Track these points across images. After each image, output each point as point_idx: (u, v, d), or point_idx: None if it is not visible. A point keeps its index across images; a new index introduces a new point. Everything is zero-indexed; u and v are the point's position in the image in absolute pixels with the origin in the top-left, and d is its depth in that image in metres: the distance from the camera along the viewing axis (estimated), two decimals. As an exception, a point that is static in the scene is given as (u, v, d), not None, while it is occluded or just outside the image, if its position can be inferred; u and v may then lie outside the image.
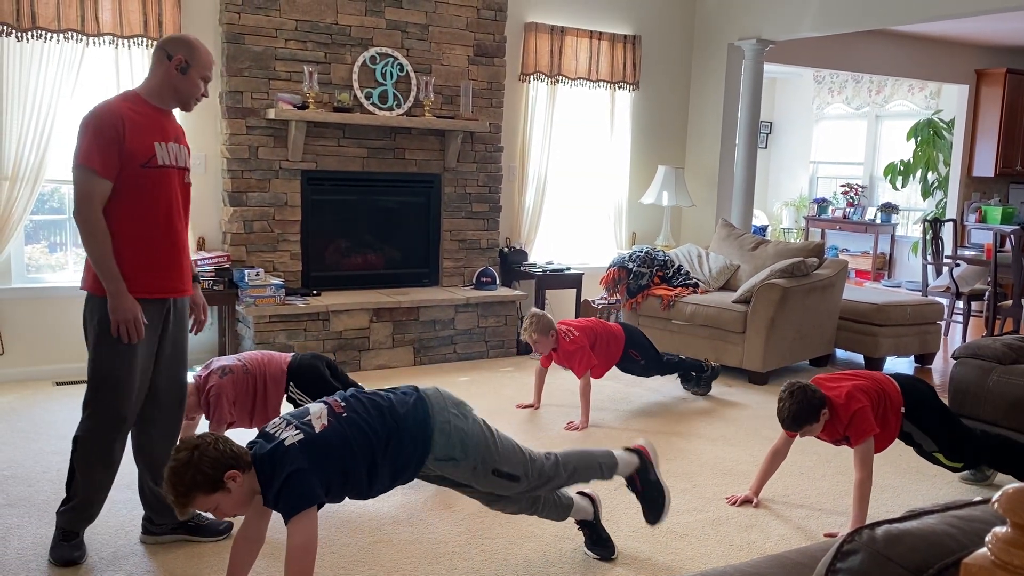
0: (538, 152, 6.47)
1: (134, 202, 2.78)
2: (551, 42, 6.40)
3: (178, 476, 2.23)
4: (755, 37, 6.68)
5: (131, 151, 2.74)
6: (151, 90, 2.87)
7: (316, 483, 2.31)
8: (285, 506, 2.29)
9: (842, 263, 5.95)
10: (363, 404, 2.49)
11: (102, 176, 2.71)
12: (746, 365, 5.47)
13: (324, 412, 2.43)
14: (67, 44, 4.80)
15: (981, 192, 9.36)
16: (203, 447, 2.26)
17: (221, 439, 2.33)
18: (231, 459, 2.27)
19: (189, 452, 2.26)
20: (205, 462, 2.23)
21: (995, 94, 8.97)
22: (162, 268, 2.87)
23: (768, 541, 3.18)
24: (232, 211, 5.31)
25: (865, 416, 3.22)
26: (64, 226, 5.28)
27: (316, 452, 2.32)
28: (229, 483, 2.26)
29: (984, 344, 4.29)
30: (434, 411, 2.52)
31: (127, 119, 2.74)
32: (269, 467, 2.30)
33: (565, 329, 4.60)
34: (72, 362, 5.12)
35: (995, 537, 0.73)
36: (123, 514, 3.22)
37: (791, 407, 3.19)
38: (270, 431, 2.41)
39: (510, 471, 2.62)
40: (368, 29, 5.59)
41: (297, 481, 2.28)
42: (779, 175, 11.42)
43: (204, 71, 2.90)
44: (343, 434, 2.39)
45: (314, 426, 2.37)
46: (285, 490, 2.28)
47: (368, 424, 2.43)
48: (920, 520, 1.07)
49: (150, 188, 2.80)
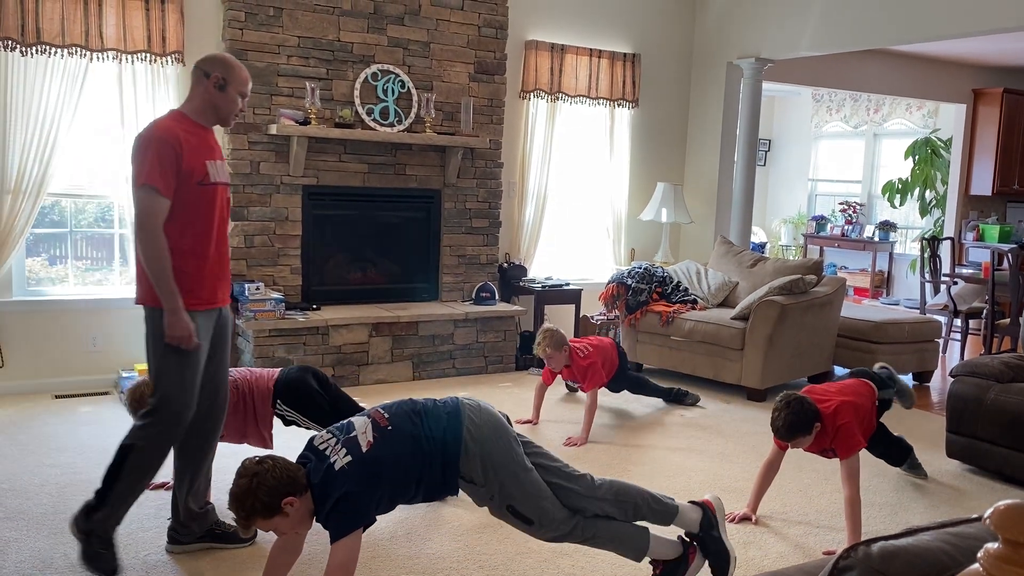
0: (538, 168, 6.50)
1: (191, 219, 2.89)
2: (551, 60, 6.45)
3: (239, 502, 2.33)
4: (754, 56, 6.73)
5: (188, 170, 2.85)
6: (194, 109, 2.97)
7: (366, 504, 2.37)
8: (334, 527, 2.36)
9: (840, 280, 5.97)
10: (406, 414, 2.53)
11: (163, 195, 2.80)
12: (744, 382, 5.48)
13: (369, 427, 2.47)
14: (71, 59, 4.84)
15: (979, 211, 9.40)
16: (262, 474, 2.32)
17: (280, 463, 2.37)
18: (288, 485, 2.34)
19: (249, 479, 2.33)
20: (263, 490, 2.31)
21: (992, 113, 9.02)
22: (215, 279, 3.00)
23: (767, 558, 3.18)
24: (233, 225, 5.33)
25: (850, 432, 3.27)
26: (65, 239, 5.29)
27: (366, 473, 2.38)
28: (287, 508, 2.33)
29: (982, 362, 4.30)
30: (465, 427, 2.50)
31: (183, 139, 2.85)
32: (321, 490, 2.37)
33: (581, 346, 4.69)
34: (72, 375, 5.13)
35: (987, 553, 0.75)
36: (121, 527, 3.21)
37: (787, 417, 3.23)
38: (320, 447, 2.45)
39: (526, 512, 2.55)
40: (370, 46, 5.63)
41: (347, 505, 2.34)
42: (778, 192, 11.46)
43: (241, 87, 3.00)
44: (391, 450, 2.43)
45: (360, 444, 2.41)
46: (334, 513, 2.35)
47: (413, 443, 2.46)
48: (915, 537, 1.08)
49: (204, 205, 2.92)
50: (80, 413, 4.69)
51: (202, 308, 2.95)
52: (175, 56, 5.07)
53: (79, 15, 4.80)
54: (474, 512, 3.50)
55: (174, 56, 5.07)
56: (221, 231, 3.00)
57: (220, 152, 3.05)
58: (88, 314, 5.18)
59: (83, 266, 5.42)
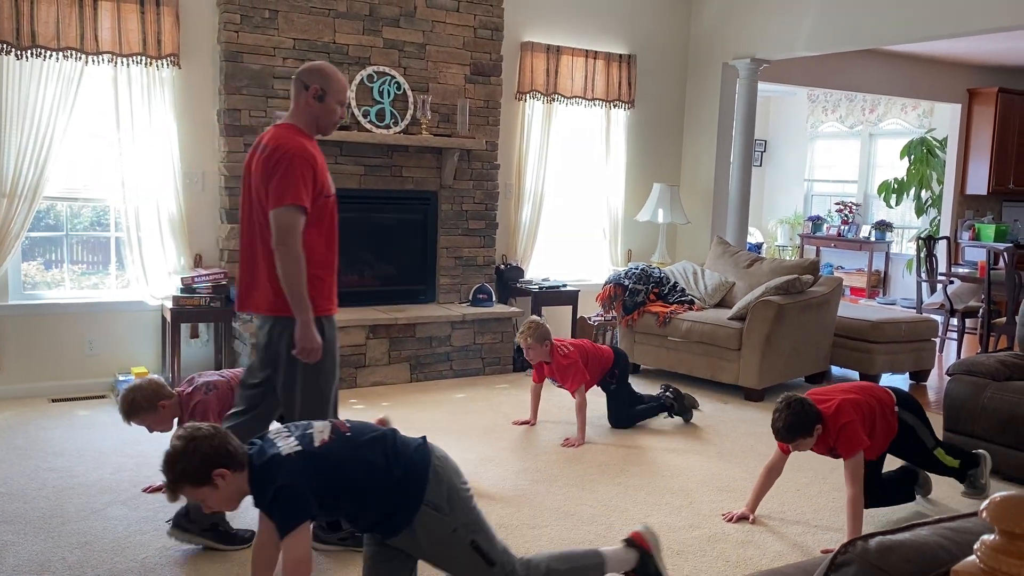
0: (534, 170, 6.50)
1: (324, 230, 3.03)
2: (547, 61, 6.45)
3: (170, 464, 2.28)
4: (749, 56, 6.74)
5: (321, 185, 2.98)
6: (303, 122, 3.07)
7: (307, 498, 2.29)
8: (280, 520, 2.29)
9: (837, 280, 5.98)
10: (370, 428, 2.46)
11: (303, 211, 2.92)
12: (742, 382, 5.48)
13: (328, 429, 2.41)
14: (66, 62, 4.83)
15: (974, 210, 9.42)
16: (200, 440, 2.27)
17: (221, 434, 2.32)
18: (224, 457, 2.27)
19: (185, 443, 2.27)
20: (197, 456, 2.26)
21: (987, 113, 9.04)
22: (335, 286, 3.14)
23: (764, 558, 3.18)
24: (229, 228, 5.32)
25: (853, 430, 3.23)
26: (61, 243, 5.29)
27: (311, 467, 2.31)
28: (217, 480, 2.27)
29: (978, 361, 4.31)
30: (435, 458, 2.41)
31: (316, 155, 2.98)
32: (261, 473, 2.30)
33: (562, 345, 4.62)
34: (68, 379, 5.12)
35: (983, 544, 0.75)
36: (118, 530, 3.22)
37: (787, 418, 3.21)
38: (271, 436, 2.41)
39: (489, 551, 2.40)
40: (366, 48, 5.63)
41: (289, 495, 2.27)
42: (774, 193, 11.48)
43: (339, 96, 3.07)
44: (341, 455, 2.35)
45: (314, 440, 2.35)
46: (276, 504, 2.28)
47: (369, 451, 2.37)
48: (913, 532, 1.08)
49: (330, 216, 3.07)
50: (77, 417, 4.68)
51: (334, 313, 3.12)
52: (171, 59, 5.07)
53: (74, 18, 4.79)
54: (472, 513, 3.50)
55: (170, 59, 5.06)
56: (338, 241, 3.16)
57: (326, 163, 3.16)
58: (84, 318, 5.17)
59: (79, 270, 5.41)
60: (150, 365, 5.26)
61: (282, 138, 2.97)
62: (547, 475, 3.97)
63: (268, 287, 3.00)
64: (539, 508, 3.57)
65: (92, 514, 3.37)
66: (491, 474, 3.97)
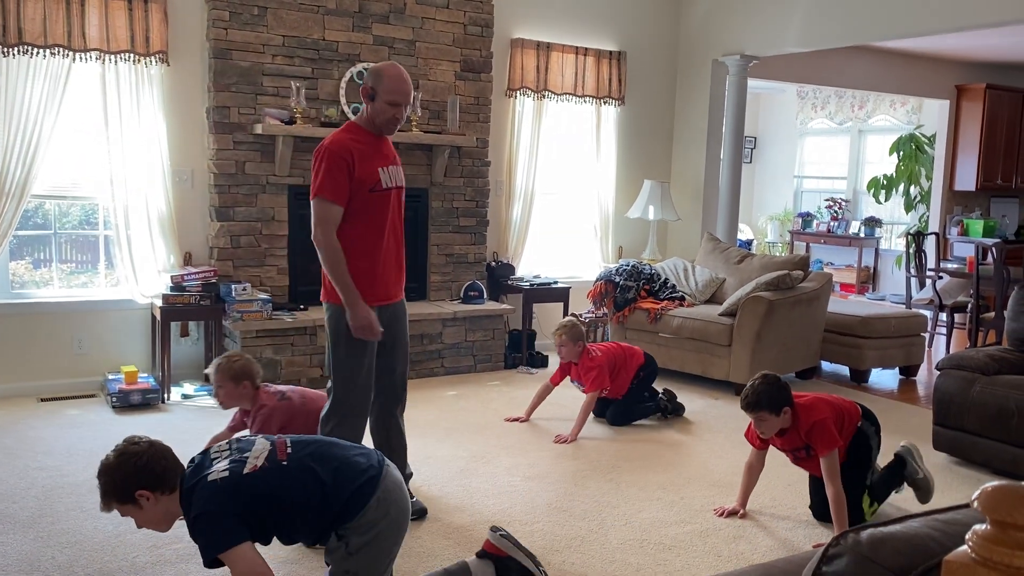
0: (524, 167, 6.50)
1: (365, 223, 3.15)
2: (537, 58, 6.45)
3: (99, 476, 2.25)
4: (739, 53, 6.75)
5: (360, 178, 3.10)
6: (362, 119, 3.24)
7: (229, 525, 2.18)
8: (201, 547, 2.21)
9: (827, 276, 6.00)
10: (313, 457, 2.34)
11: (335, 203, 3.08)
12: (732, 378, 5.49)
13: (264, 453, 2.31)
14: (54, 59, 4.80)
15: (963, 206, 9.46)
16: (128, 456, 2.21)
17: (157, 452, 2.24)
18: (148, 478, 2.20)
19: (116, 457, 2.22)
20: (120, 473, 2.20)
21: (975, 109, 9.09)
22: (388, 277, 3.26)
23: (756, 552, 3.20)
24: (219, 226, 5.30)
25: (826, 428, 3.26)
26: (49, 241, 5.25)
27: (232, 495, 2.21)
28: (141, 500, 2.21)
29: (967, 355, 4.34)
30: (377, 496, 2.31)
31: (353, 150, 3.10)
32: (187, 497, 2.23)
33: (595, 349, 4.77)
34: (57, 378, 5.09)
35: (975, 534, 0.75)
36: (108, 530, 3.20)
37: (759, 387, 3.23)
38: (211, 454, 2.34)
39: None
40: (355, 45, 5.62)
41: (206, 524, 2.19)
42: (764, 189, 11.51)
43: (389, 96, 3.13)
44: (274, 484, 2.26)
45: (246, 465, 2.26)
46: (196, 531, 2.21)
47: (303, 481, 2.28)
48: (903, 524, 1.09)
49: (377, 210, 3.17)
50: (66, 416, 4.66)
51: (374, 304, 3.19)
52: (159, 56, 5.04)
53: (61, 15, 4.76)
54: (465, 510, 3.50)
55: (158, 56, 5.04)
56: (395, 233, 3.27)
57: (394, 158, 3.28)
58: (73, 317, 5.14)
59: (68, 269, 5.38)
60: (140, 364, 5.24)
61: (331, 135, 3.18)
62: (539, 471, 3.98)
63: (324, 276, 3.21)
64: (531, 504, 3.58)
65: (82, 513, 3.35)
66: (483, 471, 3.97)
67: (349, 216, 3.12)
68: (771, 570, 1.87)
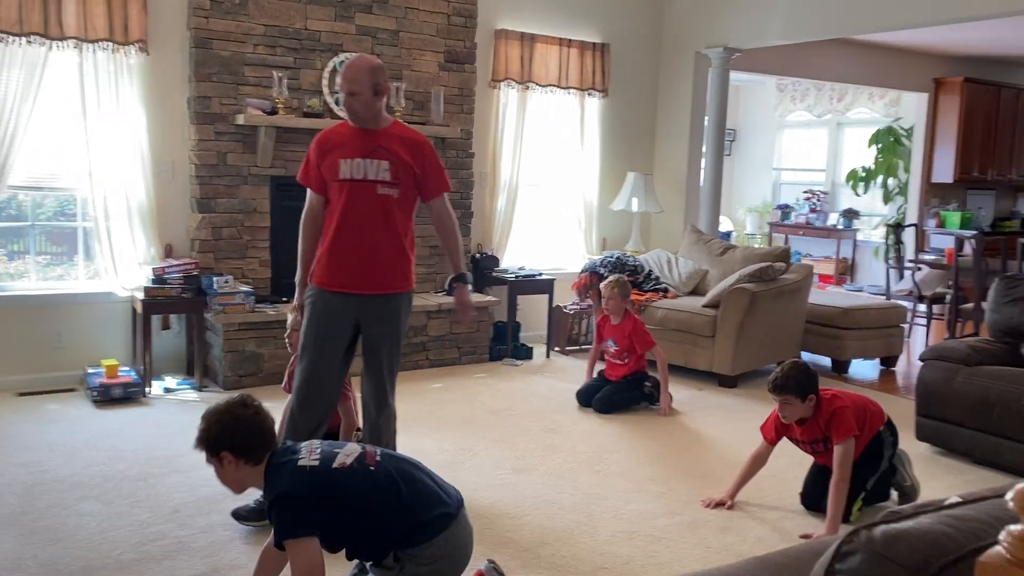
0: (509, 158, 6.47)
1: (331, 211, 3.28)
2: (521, 49, 6.41)
3: (202, 418, 2.32)
4: (722, 45, 6.76)
5: (326, 167, 3.24)
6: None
7: (303, 515, 2.22)
8: (276, 528, 2.25)
9: (808, 268, 6.04)
10: (400, 472, 2.37)
11: (306, 187, 3.34)
12: (716, 369, 5.52)
13: (355, 455, 2.35)
14: (30, 48, 4.70)
15: (940, 198, 9.56)
16: (231, 414, 2.28)
17: (260, 422, 2.30)
18: (238, 444, 2.26)
19: (224, 409, 2.30)
20: (217, 427, 2.27)
21: (953, 102, 9.17)
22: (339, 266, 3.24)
23: (745, 543, 3.21)
24: (200, 218, 5.24)
25: (845, 416, 3.31)
26: (25, 233, 5.16)
27: (316, 485, 2.26)
28: (224, 458, 2.27)
29: (950, 346, 4.38)
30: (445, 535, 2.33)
31: (326, 141, 3.28)
32: (274, 474, 2.28)
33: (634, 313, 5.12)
34: (36, 372, 5.00)
35: (1010, 535, 0.75)
36: (91, 526, 3.16)
37: (788, 371, 3.32)
38: (303, 444, 2.39)
39: None
40: (338, 35, 5.55)
41: (286, 506, 2.23)
42: (743, 182, 11.55)
43: (343, 85, 3.21)
44: (355, 483, 2.29)
45: (335, 460, 2.31)
46: (274, 511, 2.25)
47: (383, 493, 2.30)
48: (916, 520, 1.09)
49: (338, 199, 3.23)
50: (45, 411, 4.58)
51: (333, 288, 3.25)
52: (138, 45, 4.95)
53: (38, 2, 4.65)
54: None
55: (137, 45, 4.95)
56: (364, 224, 3.22)
57: (374, 151, 3.22)
58: (52, 310, 5.06)
59: (44, 261, 5.29)
60: (120, 357, 5.16)
61: None
62: (526, 464, 3.97)
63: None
64: (519, 497, 3.57)
65: (64, 510, 3.30)
66: (470, 464, 3.96)
67: (329, 204, 3.31)
68: (768, 563, 1.87)
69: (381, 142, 3.25)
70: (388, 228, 3.26)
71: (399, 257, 3.31)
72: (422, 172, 3.29)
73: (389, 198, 3.25)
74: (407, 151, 3.26)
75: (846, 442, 3.29)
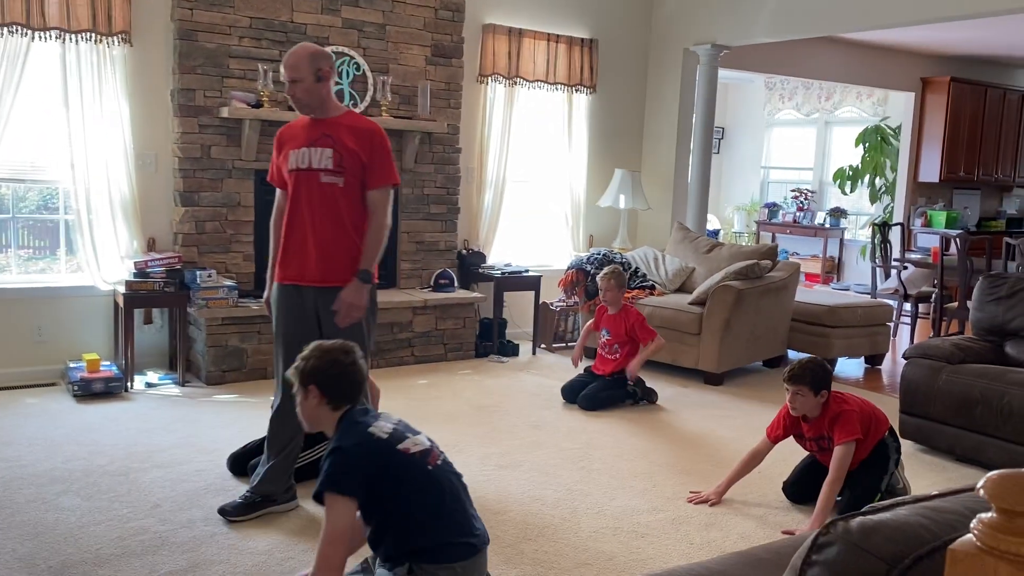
0: (496, 154, 6.45)
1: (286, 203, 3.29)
2: (509, 44, 6.39)
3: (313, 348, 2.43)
4: (710, 42, 6.75)
5: (281, 159, 3.28)
6: None
7: (353, 475, 2.24)
8: (322, 477, 2.26)
9: (795, 266, 6.05)
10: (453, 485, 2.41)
11: (273, 183, 3.41)
12: (702, 366, 5.52)
13: (421, 447, 2.37)
14: (12, 38, 4.65)
15: (927, 197, 9.60)
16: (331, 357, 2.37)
17: (352, 377, 2.37)
18: (327, 383, 2.34)
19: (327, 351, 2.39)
20: (314, 361, 2.36)
21: (940, 102, 9.21)
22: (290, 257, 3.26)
23: (728, 539, 3.21)
24: (184, 211, 5.19)
25: (851, 419, 3.33)
26: (6, 226, 5.10)
27: (376, 454, 2.29)
28: (311, 391, 2.35)
29: (934, 344, 4.39)
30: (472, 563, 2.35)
31: (283, 134, 3.31)
32: (344, 428, 2.34)
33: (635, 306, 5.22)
34: (16, 366, 4.95)
35: (980, 523, 0.74)
36: (71, 521, 3.12)
37: (806, 363, 3.37)
38: (382, 413, 2.45)
39: None
40: (324, 28, 5.52)
41: (340, 460, 2.26)
42: (731, 180, 11.57)
43: (285, 72, 3.18)
44: (409, 472, 2.31)
45: (401, 442, 2.33)
46: (328, 460, 2.27)
47: (430, 495, 2.33)
48: (893, 512, 1.08)
49: (290, 190, 3.25)
50: (25, 405, 4.54)
51: (283, 282, 3.28)
52: (122, 36, 4.91)
53: (19, -8, 4.61)
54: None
55: (121, 36, 4.90)
56: (304, 214, 3.20)
57: (319, 139, 3.17)
58: (33, 303, 5.01)
59: (26, 255, 5.23)
60: (102, 351, 5.12)
61: None
62: (511, 461, 3.96)
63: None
64: (504, 494, 3.56)
65: (43, 504, 3.26)
66: (455, 460, 3.88)
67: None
68: (749, 558, 1.86)
69: (326, 130, 3.17)
70: (333, 218, 3.17)
71: (349, 248, 3.20)
72: (368, 160, 3.16)
73: (334, 187, 3.16)
74: (353, 139, 3.15)
75: (848, 444, 3.30)
